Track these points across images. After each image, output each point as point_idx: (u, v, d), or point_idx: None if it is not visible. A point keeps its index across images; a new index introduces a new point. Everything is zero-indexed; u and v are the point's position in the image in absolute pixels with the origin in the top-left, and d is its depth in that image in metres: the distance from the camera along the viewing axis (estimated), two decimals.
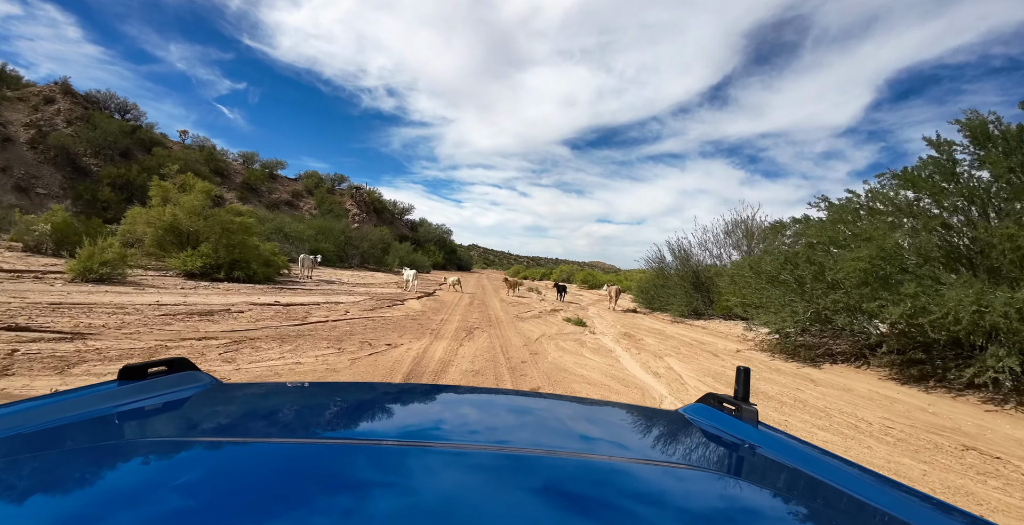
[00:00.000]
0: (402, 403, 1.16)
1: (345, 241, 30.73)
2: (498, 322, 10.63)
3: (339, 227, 31.14)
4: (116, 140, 33.30)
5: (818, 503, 0.70)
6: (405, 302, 12.95)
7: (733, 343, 9.79)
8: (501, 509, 0.53)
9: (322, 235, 29.48)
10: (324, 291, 13.70)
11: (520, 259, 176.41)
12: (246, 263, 13.74)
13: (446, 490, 0.57)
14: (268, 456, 0.65)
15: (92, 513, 0.46)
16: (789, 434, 1.01)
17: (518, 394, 1.46)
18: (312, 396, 1.21)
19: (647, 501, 0.61)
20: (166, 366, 1.07)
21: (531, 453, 0.74)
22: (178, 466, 0.60)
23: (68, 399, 0.84)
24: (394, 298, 13.50)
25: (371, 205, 58.68)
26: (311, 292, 12.84)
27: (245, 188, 46.03)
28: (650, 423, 1.14)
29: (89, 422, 0.78)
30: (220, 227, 13.68)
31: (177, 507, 0.47)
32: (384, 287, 17.72)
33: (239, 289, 11.91)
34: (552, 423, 1.07)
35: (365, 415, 1.04)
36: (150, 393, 0.94)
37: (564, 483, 0.63)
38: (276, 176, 53.30)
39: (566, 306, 16.88)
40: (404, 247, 41.32)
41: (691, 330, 12.13)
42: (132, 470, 0.59)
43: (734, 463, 0.88)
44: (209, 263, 13.20)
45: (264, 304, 9.47)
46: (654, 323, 13.55)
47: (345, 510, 0.49)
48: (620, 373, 6.11)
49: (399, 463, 0.64)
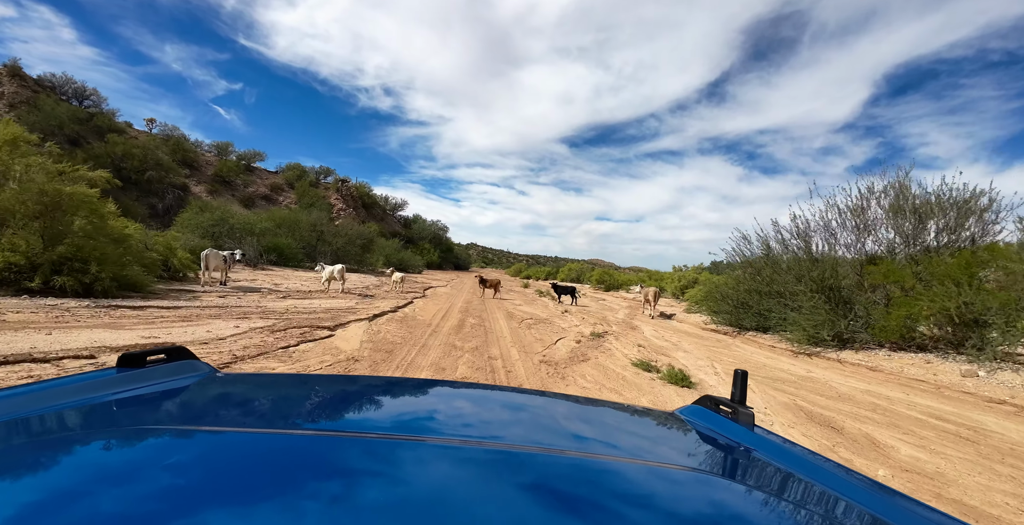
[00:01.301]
0: (397, 397, 1.15)
1: (317, 237, 25.22)
2: (517, 376, 5.15)
3: (307, 219, 25.59)
4: (62, 125, 28.76)
5: (811, 507, 0.69)
6: (348, 325, 7.47)
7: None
8: (490, 504, 0.52)
9: (284, 229, 24.02)
10: (199, 311, 8.20)
11: (519, 258, 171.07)
12: (85, 263, 8.21)
13: (436, 483, 0.57)
14: (261, 446, 0.65)
15: (85, 498, 0.46)
16: (785, 438, 0.99)
17: (514, 391, 1.33)
18: (309, 388, 1.18)
19: (638, 500, 0.60)
20: (165, 354, 1.06)
21: (523, 450, 0.74)
22: (171, 454, 0.60)
23: (65, 385, 0.85)
24: (337, 315, 8.08)
25: (359, 200, 53.21)
26: (159, 321, 7.26)
27: (217, 181, 41.10)
28: (645, 423, 1.13)
29: (85, 409, 0.78)
30: (42, 202, 8.16)
31: (167, 493, 0.47)
32: (335, 297, 12.22)
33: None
34: (547, 420, 1.04)
35: (360, 408, 1.03)
36: (147, 381, 0.94)
37: (555, 480, 0.62)
38: (254, 169, 48.09)
39: (590, 316, 11.43)
40: (391, 244, 35.82)
41: (863, 376, 6.64)
42: (126, 457, 0.59)
43: (728, 465, 0.87)
44: (16, 263, 7.73)
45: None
46: (769, 357, 8.06)
47: (333, 499, 0.48)
48: None
49: (391, 455, 0.64)
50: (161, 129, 43.21)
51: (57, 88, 33.95)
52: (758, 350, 8.86)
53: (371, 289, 15.25)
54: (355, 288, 15.10)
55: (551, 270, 48.82)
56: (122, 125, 38.51)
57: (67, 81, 35.98)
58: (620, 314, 14.08)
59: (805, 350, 8.51)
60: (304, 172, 50.71)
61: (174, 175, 35.21)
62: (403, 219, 61.84)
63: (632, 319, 12.95)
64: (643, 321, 12.61)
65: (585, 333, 9.10)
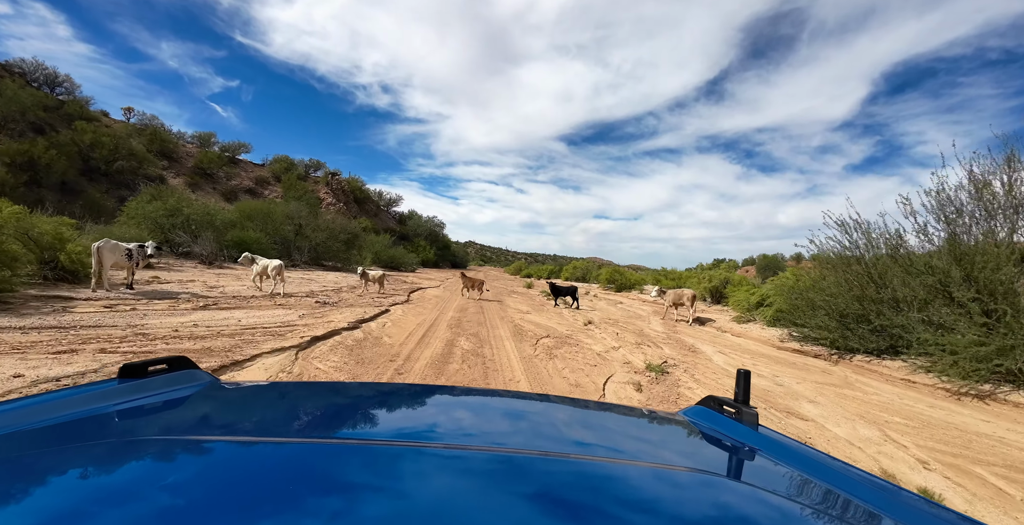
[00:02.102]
0: (398, 403, 1.13)
1: (295, 231, 22.07)
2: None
3: (282, 211, 22.44)
4: (25, 111, 26.21)
5: (818, 506, 0.68)
6: (255, 360, 4.46)
7: None
8: (494, 511, 0.52)
9: (257, 221, 20.90)
10: (21, 337, 5.17)
11: (518, 255, 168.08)
12: None
13: (439, 491, 0.56)
14: (263, 455, 0.64)
15: (87, 510, 0.45)
16: (789, 438, 0.97)
17: (515, 396, 1.31)
18: (310, 396, 1.16)
19: (643, 505, 0.59)
20: (166, 364, 1.05)
21: (527, 454, 0.72)
22: (174, 464, 0.59)
23: (67, 397, 0.83)
24: (251, 340, 5.10)
25: (350, 194, 50.13)
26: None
27: (197, 173, 38.27)
28: (649, 425, 1.11)
29: (87, 420, 0.77)
30: None
31: (170, 505, 0.47)
32: (281, 306, 9.21)
33: None
34: (549, 425, 1.03)
35: (361, 415, 1.01)
36: (149, 391, 0.93)
37: (560, 485, 0.61)
38: (238, 161, 45.18)
39: (622, 329, 8.42)
40: (380, 239, 32.71)
41: None
42: (128, 468, 0.58)
43: (733, 465, 0.85)
44: None
45: None
46: (924, 400, 5.05)
47: (336, 510, 0.48)
48: None
49: (393, 464, 0.63)
50: (140, 118, 40.38)
51: (27, 74, 31.62)
52: (895, 388, 5.84)
53: (340, 293, 12.20)
54: (320, 291, 12.06)
55: (553, 269, 45.24)
56: (96, 114, 35.84)
57: (37, 67, 33.62)
58: (655, 325, 11.04)
59: (968, 388, 5.50)
60: (292, 165, 47.75)
61: (149, 166, 32.36)
62: (398, 215, 58.76)
63: (675, 331, 9.92)
64: (690, 334, 9.58)
65: (636, 364, 6.05)
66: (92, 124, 31.13)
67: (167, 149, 37.22)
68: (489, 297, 14.99)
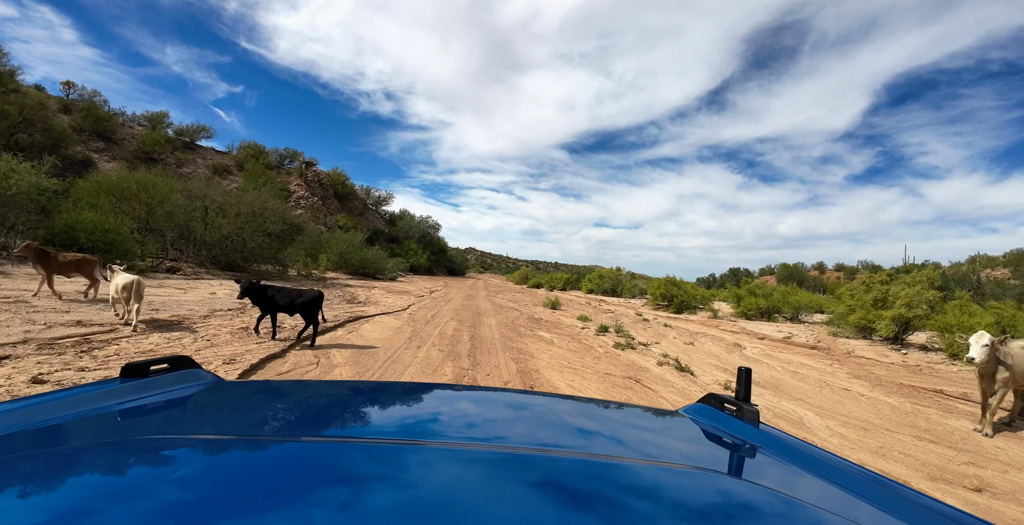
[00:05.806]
0: (402, 401, 1.12)
1: (186, 218, 14.91)
2: None
3: (163, 185, 14.68)
4: None
5: (818, 503, 0.66)
6: None
7: None
8: (498, 508, 0.51)
9: (115, 199, 13.69)
10: None
11: (519, 263, 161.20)
12: None
13: (443, 489, 0.55)
14: (267, 454, 0.64)
15: (92, 509, 0.45)
16: (790, 435, 0.96)
17: (518, 392, 1.30)
18: (313, 394, 1.14)
19: (646, 500, 0.59)
20: (168, 364, 1.04)
21: (529, 452, 0.72)
22: (178, 463, 0.58)
23: (70, 396, 0.82)
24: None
25: (330, 189, 43.34)
26: None
27: (140, 157, 31.41)
28: (651, 422, 1.11)
29: (90, 419, 0.76)
30: None
31: (175, 504, 0.46)
32: None
33: None
34: (551, 421, 1.02)
35: (365, 413, 0.99)
36: (152, 391, 0.92)
37: (562, 482, 0.61)
38: (195, 146, 38.39)
39: None
40: (347, 237, 25.75)
41: None
42: (132, 467, 0.57)
43: (734, 463, 0.84)
44: None
45: None
46: None
47: (341, 506, 0.48)
48: None
49: (397, 461, 0.62)
50: (80, 94, 33.89)
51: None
52: None
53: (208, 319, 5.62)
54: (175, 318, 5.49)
55: (570, 277, 37.66)
56: (28, 88, 29.33)
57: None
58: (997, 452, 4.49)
59: None
60: (262, 152, 41.08)
61: (69, 144, 25.51)
62: (388, 215, 52.08)
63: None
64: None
65: None
66: (10, 96, 24.67)
67: (104, 128, 30.62)
68: (493, 328, 8.39)
